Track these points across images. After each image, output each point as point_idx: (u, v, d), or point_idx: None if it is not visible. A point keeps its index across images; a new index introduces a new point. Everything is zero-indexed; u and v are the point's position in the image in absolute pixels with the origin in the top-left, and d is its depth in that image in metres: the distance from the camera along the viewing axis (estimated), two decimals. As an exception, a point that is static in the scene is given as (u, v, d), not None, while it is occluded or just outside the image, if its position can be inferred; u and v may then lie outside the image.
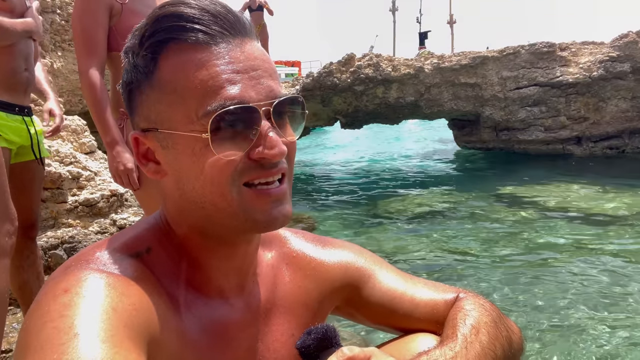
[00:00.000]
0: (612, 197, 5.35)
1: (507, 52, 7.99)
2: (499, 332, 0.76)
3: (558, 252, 3.68)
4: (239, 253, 0.70)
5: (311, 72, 8.69)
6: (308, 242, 0.86)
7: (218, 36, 0.61)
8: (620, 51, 7.57)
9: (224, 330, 0.69)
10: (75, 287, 0.54)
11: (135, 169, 1.78)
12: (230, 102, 0.59)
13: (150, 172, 0.67)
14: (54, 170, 3.21)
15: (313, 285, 0.82)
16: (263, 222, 0.64)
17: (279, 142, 0.61)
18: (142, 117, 0.65)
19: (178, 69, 0.61)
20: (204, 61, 0.60)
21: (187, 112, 0.60)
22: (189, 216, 0.67)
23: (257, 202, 0.62)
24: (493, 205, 5.33)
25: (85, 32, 1.78)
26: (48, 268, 2.98)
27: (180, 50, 0.61)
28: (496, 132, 8.82)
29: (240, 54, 0.62)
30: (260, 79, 0.62)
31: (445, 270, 3.42)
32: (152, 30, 0.62)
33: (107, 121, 1.77)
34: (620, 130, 8.14)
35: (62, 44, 4.87)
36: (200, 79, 0.60)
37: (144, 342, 0.54)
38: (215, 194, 0.62)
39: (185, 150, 0.62)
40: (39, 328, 0.50)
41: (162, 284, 0.64)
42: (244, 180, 0.62)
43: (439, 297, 0.85)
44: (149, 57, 0.62)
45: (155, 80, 0.62)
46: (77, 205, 3.32)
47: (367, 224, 4.88)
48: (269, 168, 0.62)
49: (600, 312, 2.64)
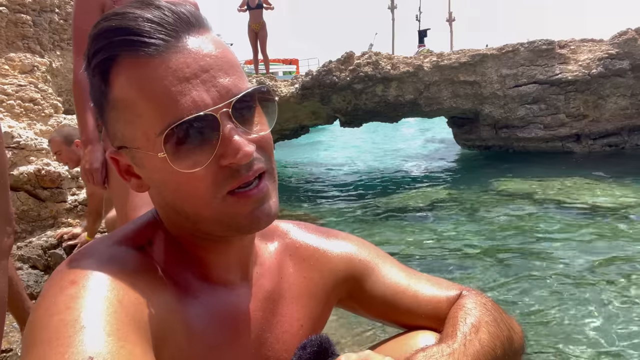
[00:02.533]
0: (613, 193, 5.35)
1: (506, 50, 7.98)
2: (500, 331, 0.76)
3: (560, 248, 3.68)
4: (234, 248, 0.70)
5: (310, 71, 8.68)
6: (311, 233, 0.86)
7: (160, 45, 0.57)
8: (620, 48, 7.57)
9: (232, 319, 0.69)
10: (81, 279, 0.54)
11: (101, 169, 1.80)
12: (185, 113, 0.56)
13: (134, 187, 0.66)
14: (54, 169, 3.21)
15: (318, 276, 0.82)
16: (246, 225, 0.63)
17: (243, 144, 0.58)
18: (112, 135, 0.64)
19: (126, 88, 0.58)
20: (150, 76, 0.57)
21: (146, 130, 0.58)
22: (177, 222, 0.67)
23: (238, 206, 0.61)
24: (493, 202, 5.33)
25: (78, 31, 1.82)
26: (48, 267, 2.98)
27: (126, 66, 0.58)
28: (495, 130, 8.82)
29: (187, 57, 0.58)
30: (214, 79, 0.58)
31: (446, 267, 3.42)
32: (93, 49, 0.59)
33: (85, 120, 1.81)
34: (620, 128, 8.15)
35: (60, 43, 4.86)
36: (149, 96, 0.57)
37: (150, 335, 0.54)
38: (198, 206, 0.61)
39: (154, 168, 0.60)
40: (46, 320, 0.50)
41: (167, 275, 0.64)
42: (227, 190, 0.60)
43: (441, 294, 0.84)
44: (98, 77, 0.60)
45: (110, 99, 0.60)
46: (77, 204, 3.32)
47: (367, 221, 4.88)
48: (244, 172, 0.60)
49: (602, 306, 2.65)
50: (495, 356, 0.72)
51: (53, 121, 3.85)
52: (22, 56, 4.17)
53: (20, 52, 4.21)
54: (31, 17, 4.43)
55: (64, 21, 4.84)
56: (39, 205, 3.16)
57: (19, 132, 3.28)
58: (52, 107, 3.94)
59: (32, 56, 4.29)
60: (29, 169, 3.13)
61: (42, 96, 3.91)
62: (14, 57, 4.14)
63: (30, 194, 3.15)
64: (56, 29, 4.78)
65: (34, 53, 4.35)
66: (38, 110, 3.82)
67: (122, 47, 0.57)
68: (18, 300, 2.15)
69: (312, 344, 0.68)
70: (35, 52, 4.38)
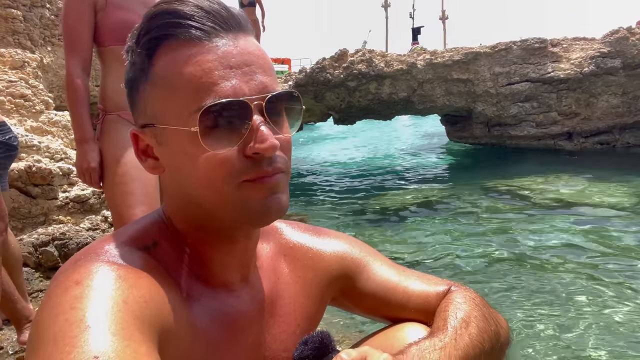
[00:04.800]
0: (604, 190, 5.40)
1: (499, 48, 8.02)
2: (488, 326, 0.77)
3: (550, 245, 3.72)
4: (239, 248, 0.71)
5: (304, 68, 8.68)
6: (303, 233, 0.87)
7: (211, 32, 0.61)
8: (611, 47, 7.63)
9: (232, 322, 0.70)
10: (86, 279, 0.54)
11: (98, 169, 1.79)
12: (223, 97, 0.59)
13: (149, 167, 0.68)
14: (44, 166, 3.18)
15: (312, 275, 0.83)
16: (257, 212, 0.63)
17: (270, 136, 0.60)
18: (141, 113, 0.66)
19: (171, 65, 0.61)
20: (196, 57, 0.60)
21: (179, 107, 0.61)
22: (187, 211, 0.67)
23: (252, 192, 0.62)
24: (485, 200, 5.36)
25: (69, 29, 1.81)
26: (39, 265, 2.96)
27: (174, 47, 0.61)
28: (488, 128, 8.87)
29: (233, 48, 0.62)
30: (254, 74, 0.62)
31: (437, 264, 3.45)
32: (147, 28, 0.63)
33: (80, 118, 1.80)
34: (611, 126, 8.21)
35: (51, 39, 4.82)
36: (192, 74, 0.60)
37: (154, 334, 0.54)
38: (210, 190, 0.62)
39: (178, 146, 0.62)
40: (51, 320, 0.50)
41: (170, 275, 0.65)
42: (244, 178, 0.62)
43: (431, 289, 0.86)
44: (144, 54, 0.63)
45: (151, 76, 0.63)
46: (68, 201, 3.30)
47: (359, 219, 4.90)
48: (265, 166, 0.62)
49: (590, 304, 2.67)
50: (483, 350, 0.73)
51: (44, 117, 3.82)
52: (12, 52, 4.13)
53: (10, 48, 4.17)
54: (22, 12, 4.39)
55: (55, 17, 4.80)
56: (30, 203, 3.14)
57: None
58: (43, 103, 3.91)
59: (23, 52, 4.25)
60: (19, 166, 3.10)
61: (32, 92, 3.87)
62: (5, 52, 4.10)
63: (21, 191, 3.13)
64: (47, 24, 4.74)
65: (24, 49, 4.31)
66: (29, 107, 3.79)
67: (175, 28, 0.61)
68: (9, 300, 2.14)
69: (314, 339, 0.69)
70: (26, 48, 4.34)
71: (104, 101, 1.85)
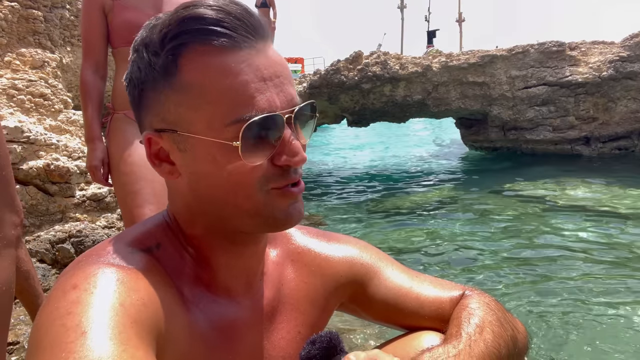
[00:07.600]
0: (622, 197, 5.30)
1: (516, 51, 7.93)
2: (504, 331, 0.76)
3: (566, 249, 3.66)
4: (248, 253, 0.71)
5: (318, 70, 8.68)
6: (313, 238, 0.86)
7: (243, 40, 0.60)
8: (631, 51, 7.49)
9: (231, 328, 0.70)
10: (83, 283, 0.54)
11: (101, 167, 1.84)
12: (259, 111, 0.59)
13: (163, 172, 0.66)
14: (62, 164, 3.23)
15: (319, 282, 0.82)
16: (281, 220, 0.65)
17: (300, 149, 0.63)
18: (158, 117, 0.63)
19: (203, 73, 0.59)
20: (231, 67, 0.59)
21: (212, 117, 0.60)
22: (201, 216, 0.67)
23: (279, 200, 0.64)
24: (500, 203, 5.30)
25: (82, 32, 1.89)
26: (56, 262, 3.00)
27: (204, 53, 0.59)
28: (504, 132, 8.77)
29: (265, 59, 0.62)
30: (283, 86, 0.63)
31: (452, 267, 3.41)
32: (176, 31, 0.60)
33: (89, 118, 1.86)
34: (630, 131, 8.06)
35: (71, 39, 4.90)
36: (229, 85, 0.59)
37: (152, 338, 0.54)
38: (240, 197, 0.63)
39: (205, 155, 0.61)
40: (48, 325, 0.51)
41: (172, 278, 0.64)
42: (272, 186, 0.63)
43: (444, 295, 0.84)
44: (170, 58, 0.60)
45: (177, 82, 0.60)
46: (85, 199, 3.34)
47: (374, 221, 4.87)
48: (293, 174, 0.64)
49: (609, 308, 2.62)
50: (499, 356, 0.72)
51: (62, 116, 3.87)
52: (32, 51, 4.19)
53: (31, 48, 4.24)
54: (42, 12, 4.46)
55: (74, 17, 4.87)
56: (48, 200, 3.19)
57: (28, 127, 3.31)
58: (61, 102, 3.97)
59: (43, 52, 4.31)
60: (38, 164, 3.15)
61: (52, 91, 3.93)
62: (25, 52, 4.17)
63: (39, 189, 3.17)
64: (67, 25, 4.81)
65: (44, 49, 4.38)
66: (48, 106, 3.85)
67: (206, 35, 0.59)
68: (32, 295, 2.16)
69: (322, 339, 0.68)
70: (46, 48, 4.41)
71: (114, 100, 1.90)
